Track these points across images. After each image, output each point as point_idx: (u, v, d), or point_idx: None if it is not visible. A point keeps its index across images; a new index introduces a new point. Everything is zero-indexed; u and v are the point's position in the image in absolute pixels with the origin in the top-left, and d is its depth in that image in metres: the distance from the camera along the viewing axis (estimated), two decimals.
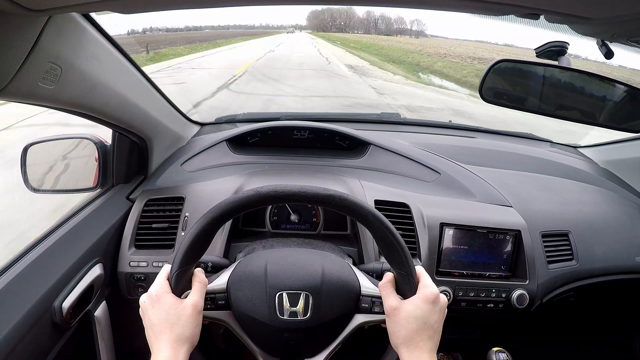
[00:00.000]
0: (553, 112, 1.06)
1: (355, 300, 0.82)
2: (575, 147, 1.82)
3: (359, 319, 0.82)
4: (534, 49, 1.00)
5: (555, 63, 0.98)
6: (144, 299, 0.76)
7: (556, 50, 0.96)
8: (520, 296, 1.17)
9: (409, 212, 1.21)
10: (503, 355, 1.18)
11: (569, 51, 0.97)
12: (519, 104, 1.08)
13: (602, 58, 0.87)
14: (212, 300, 0.81)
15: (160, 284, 0.75)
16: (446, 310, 0.77)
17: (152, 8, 0.68)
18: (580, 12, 0.59)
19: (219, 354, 1.34)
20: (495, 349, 1.19)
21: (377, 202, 1.22)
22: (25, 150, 1.20)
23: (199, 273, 0.79)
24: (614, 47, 0.83)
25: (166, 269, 0.77)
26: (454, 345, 1.45)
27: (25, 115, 6.27)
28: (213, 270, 0.89)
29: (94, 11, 0.81)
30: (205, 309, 0.78)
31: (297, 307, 0.79)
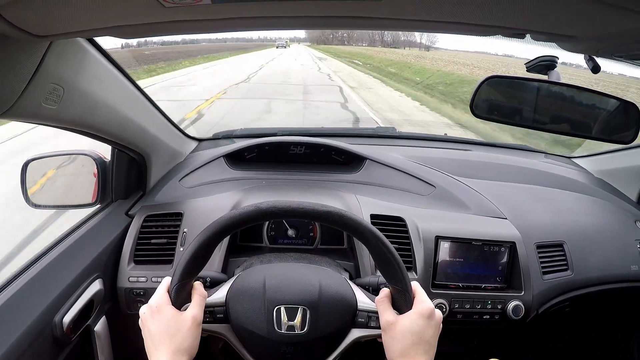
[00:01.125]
0: (544, 127, 1.07)
1: (352, 315, 0.84)
2: (569, 157, 1.84)
3: (355, 333, 0.83)
4: (525, 64, 1.02)
5: (545, 78, 1.00)
6: (144, 310, 0.77)
7: (546, 64, 0.98)
8: (515, 307, 1.17)
9: (405, 225, 1.23)
10: None
11: (561, 60, 0.99)
12: (510, 119, 1.09)
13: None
14: (211, 313, 0.82)
15: (161, 295, 0.76)
16: (441, 325, 0.78)
17: (152, 34, 0.70)
18: (564, 31, 0.61)
19: None
20: None
21: (372, 216, 1.23)
22: (25, 167, 1.21)
23: (198, 286, 0.80)
24: (600, 61, 0.85)
25: (166, 281, 0.78)
26: (451, 358, 1.45)
27: None
28: (211, 285, 0.90)
29: (96, 36, 0.84)
30: (204, 322, 0.79)
31: (295, 321, 0.80)
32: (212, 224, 0.76)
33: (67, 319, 0.96)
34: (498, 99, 1.08)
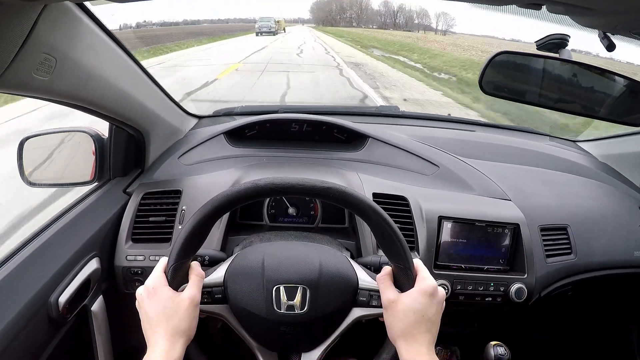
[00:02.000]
0: (553, 105, 1.06)
1: (352, 294, 0.82)
2: (574, 141, 1.81)
3: (356, 312, 0.83)
4: (535, 42, 1.00)
5: (556, 55, 0.98)
6: (140, 292, 0.75)
7: (557, 42, 0.96)
8: (518, 290, 1.16)
9: (407, 205, 1.21)
10: (501, 349, 1.17)
11: (569, 44, 0.97)
12: (519, 96, 1.07)
13: (604, 52, 0.87)
14: (209, 293, 0.81)
15: (157, 276, 0.75)
16: (444, 303, 0.77)
17: None
18: (583, 2, 0.59)
19: (216, 349, 1.34)
20: (493, 342, 1.19)
21: (375, 195, 1.21)
22: (21, 144, 1.19)
23: (195, 266, 0.79)
24: (615, 39, 0.82)
25: (163, 261, 0.77)
26: (452, 339, 1.45)
27: None
28: (210, 264, 0.88)
29: (89, 0, 0.80)
30: (202, 302, 0.77)
31: (295, 300, 0.79)
32: (208, 202, 0.74)
33: (63, 298, 0.94)
34: (508, 76, 1.06)
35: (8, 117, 6.05)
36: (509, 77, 1.06)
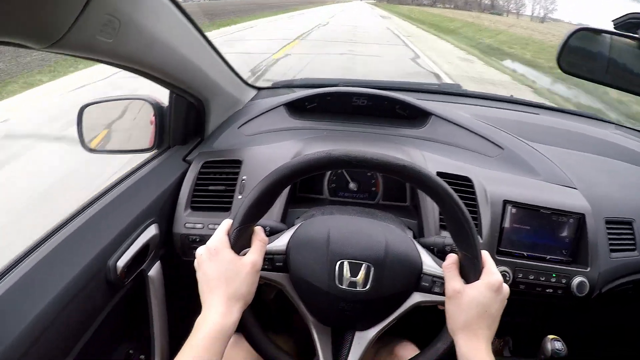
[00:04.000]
0: (629, 87, 1.00)
1: (416, 278, 0.80)
2: None
3: (417, 297, 0.80)
4: (612, 20, 0.94)
5: (636, 36, 0.92)
6: (201, 252, 0.75)
7: (636, 22, 0.90)
8: (580, 283, 1.11)
9: (472, 187, 1.17)
10: (558, 344, 1.13)
11: None
12: (597, 76, 1.02)
13: None
14: (270, 261, 0.80)
15: (220, 238, 0.74)
16: (506, 301, 0.75)
17: None
18: None
19: (268, 318, 1.35)
20: (550, 336, 1.14)
21: (439, 174, 1.16)
22: (81, 111, 1.21)
23: (259, 231, 0.78)
24: None
25: (226, 223, 0.76)
26: (505, 329, 1.40)
27: None
28: (270, 234, 0.87)
29: None
30: (262, 269, 0.76)
31: (358, 277, 0.77)
32: (280, 167, 0.73)
33: (122, 262, 0.95)
34: (587, 54, 1.00)
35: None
36: (586, 56, 1.01)
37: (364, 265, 0.77)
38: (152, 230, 1.08)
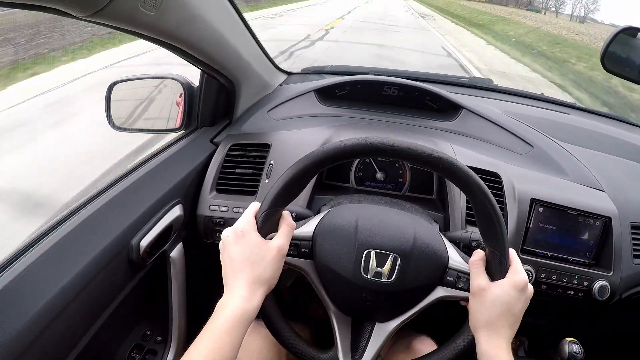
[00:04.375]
0: None
1: (441, 272, 0.79)
2: None
3: (440, 291, 0.79)
4: None
5: None
6: (227, 233, 0.73)
7: None
8: (602, 287, 1.09)
9: (500, 183, 1.15)
10: (576, 347, 1.12)
11: None
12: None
13: None
14: (296, 246, 0.80)
15: (248, 221, 0.73)
16: (529, 301, 0.73)
17: None
18: None
19: (284, 307, 1.36)
20: (568, 339, 1.13)
21: None
22: (110, 88, 1.20)
23: (287, 216, 0.77)
24: None
25: (254, 206, 0.75)
26: (522, 329, 1.39)
27: None
28: (297, 220, 0.87)
29: None
30: (287, 254, 0.75)
31: (384, 268, 0.76)
32: (312, 152, 0.71)
33: (145, 242, 0.95)
34: (631, 54, 0.97)
35: None
36: (632, 55, 0.98)
37: (390, 256, 0.76)
38: (176, 211, 1.07)
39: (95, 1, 0.63)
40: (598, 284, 1.10)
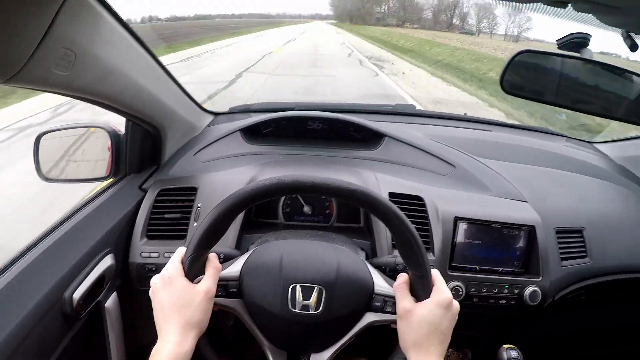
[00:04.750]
0: (572, 105, 1.04)
1: (368, 298, 0.82)
2: (590, 142, 1.79)
3: (369, 317, 0.82)
4: (556, 41, 0.99)
5: (578, 55, 0.96)
6: (155, 280, 0.75)
7: (578, 42, 0.95)
8: (532, 293, 1.15)
9: (423, 205, 1.20)
10: (514, 353, 1.16)
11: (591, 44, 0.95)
12: (539, 96, 1.06)
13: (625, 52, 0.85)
14: (224, 287, 0.81)
15: (174, 266, 0.75)
16: (457, 317, 0.77)
17: None
18: (610, 1, 0.58)
19: (227, 345, 1.34)
20: (506, 346, 1.18)
21: (391, 194, 1.20)
22: (37, 140, 1.19)
23: (213, 259, 0.79)
24: (638, 39, 0.81)
25: (180, 251, 0.77)
26: (464, 342, 1.44)
27: None
28: (224, 261, 0.88)
29: None
30: (216, 295, 0.77)
31: (310, 300, 0.78)
32: (231, 195, 0.74)
33: (77, 294, 0.94)
34: (529, 75, 1.05)
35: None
36: (529, 76, 1.05)
37: (316, 288, 0.79)
38: (107, 261, 1.07)
39: (8, 68, 0.65)
40: (528, 290, 1.15)
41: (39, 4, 0.65)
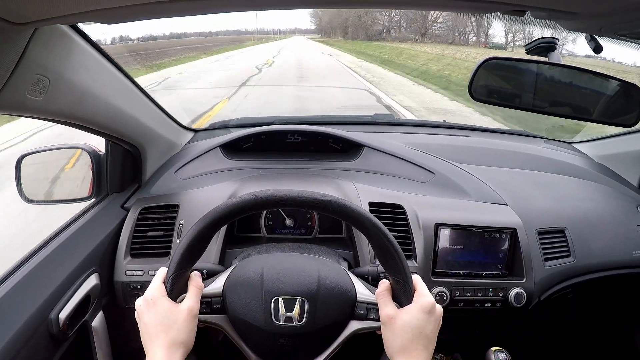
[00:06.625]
0: (545, 109, 1.05)
1: (351, 307, 0.82)
2: (569, 142, 1.82)
3: (354, 325, 0.82)
4: (524, 46, 1.00)
5: (545, 59, 0.98)
6: (139, 303, 0.76)
7: (546, 46, 0.96)
8: (517, 295, 1.16)
9: (404, 213, 1.21)
10: (502, 355, 1.17)
11: (561, 48, 0.97)
12: (510, 102, 1.07)
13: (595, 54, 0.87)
14: (207, 304, 0.81)
15: (156, 287, 0.75)
16: (441, 320, 0.77)
17: (135, 17, 0.67)
18: (565, 7, 0.59)
19: None
20: (494, 348, 1.19)
21: (371, 204, 1.21)
22: (19, 162, 1.20)
23: (195, 277, 0.79)
24: (602, 41, 0.83)
25: (162, 272, 0.77)
26: (453, 346, 1.44)
27: None
28: (208, 277, 0.88)
29: (78, 22, 0.81)
30: (200, 312, 0.77)
31: (293, 312, 0.79)
32: (208, 213, 0.75)
33: (63, 315, 0.94)
34: (497, 82, 1.06)
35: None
36: (498, 83, 1.07)
37: (298, 299, 0.79)
38: (92, 280, 1.07)
39: None
40: (513, 292, 1.16)
41: (11, 33, 0.66)
